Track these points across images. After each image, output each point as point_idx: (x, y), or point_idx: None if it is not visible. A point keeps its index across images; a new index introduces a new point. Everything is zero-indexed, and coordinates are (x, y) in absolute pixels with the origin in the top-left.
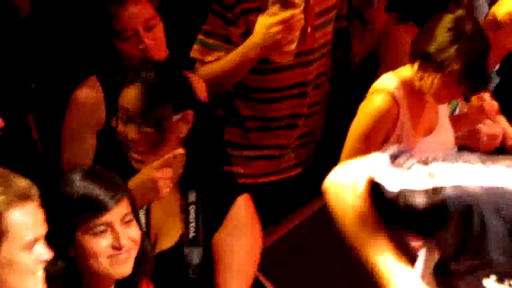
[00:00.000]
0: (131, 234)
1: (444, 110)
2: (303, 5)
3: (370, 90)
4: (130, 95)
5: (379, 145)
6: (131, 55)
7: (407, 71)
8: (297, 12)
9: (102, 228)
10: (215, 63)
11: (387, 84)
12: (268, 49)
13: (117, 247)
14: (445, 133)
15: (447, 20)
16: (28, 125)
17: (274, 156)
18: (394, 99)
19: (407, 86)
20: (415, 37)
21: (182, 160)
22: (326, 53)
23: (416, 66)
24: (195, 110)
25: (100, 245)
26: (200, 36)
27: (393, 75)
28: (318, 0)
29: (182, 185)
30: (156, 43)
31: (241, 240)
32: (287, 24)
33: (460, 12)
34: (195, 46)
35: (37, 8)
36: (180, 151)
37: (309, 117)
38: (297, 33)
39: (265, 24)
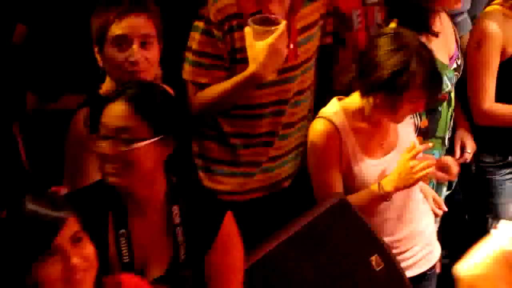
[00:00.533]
0: (83, 252)
1: (405, 124)
2: (285, 22)
3: (316, 116)
4: (110, 112)
5: (337, 167)
6: (119, 63)
7: (353, 98)
8: (281, 28)
9: (50, 252)
10: (212, 90)
11: (327, 110)
12: (265, 76)
13: (69, 269)
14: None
15: (385, 42)
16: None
17: (248, 174)
18: (333, 124)
19: (352, 112)
20: (354, 74)
21: None
22: (308, 69)
23: (371, 98)
24: (177, 134)
25: (51, 270)
26: (190, 56)
27: (336, 101)
28: (300, 16)
29: (166, 208)
30: (147, 62)
31: (233, 258)
32: (276, 47)
33: (391, 30)
34: (187, 67)
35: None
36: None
37: (283, 137)
38: (285, 51)
39: (260, 49)
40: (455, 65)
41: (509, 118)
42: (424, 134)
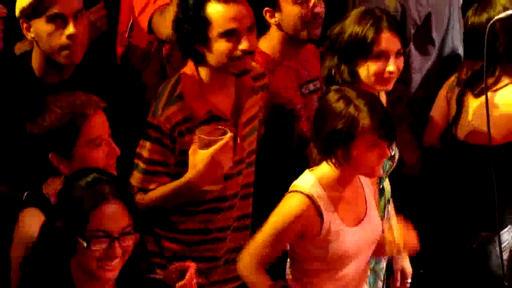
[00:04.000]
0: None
1: (371, 199)
2: (231, 134)
3: (290, 189)
4: (108, 213)
5: (288, 242)
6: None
7: (323, 167)
8: (224, 140)
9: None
10: (154, 193)
11: (302, 184)
12: (201, 185)
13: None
14: (374, 221)
15: (331, 99)
16: None
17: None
18: (310, 200)
19: (327, 180)
20: (310, 146)
21: None
22: (253, 163)
23: (333, 159)
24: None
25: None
26: (140, 164)
27: (309, 173)
28: (245, 109)
29: None
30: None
31: None
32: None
33: (334, 88)
34: (137, 175)
35: None
36: None
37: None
38: (228, 163)
39: (200, 159)
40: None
41: None
42: None
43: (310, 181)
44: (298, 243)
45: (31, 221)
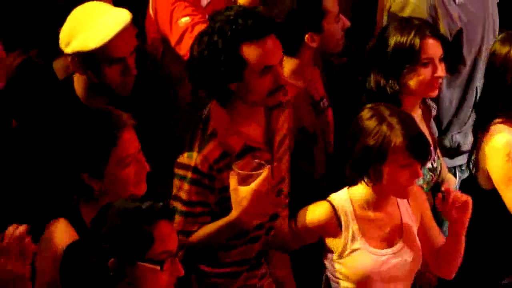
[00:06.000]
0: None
1: (411, 225)
2: (269, 166)
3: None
4: (165, 233)
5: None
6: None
7: (360, 185)
8: (265, 173)
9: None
10: (199, 234)
11: (336, 196)
12: (249, 222)
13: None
14: (413, 248)
15: (364, 116)
16: None
17: None
18: (333, 211)
19: (359, 200)
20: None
21: None
22: (286, 179)
23: (366, 179)
24: None
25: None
26: (179, 207)
27: (346, 190)
28: (277, 131)
29: None
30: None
31: None
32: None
33: (368, 106)
34: (178, 218)
35: None
36: None
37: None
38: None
39: (244, 195)
40: (430, 165)
41: None
42: None
43: (343, 195)
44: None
45: (63, 236)
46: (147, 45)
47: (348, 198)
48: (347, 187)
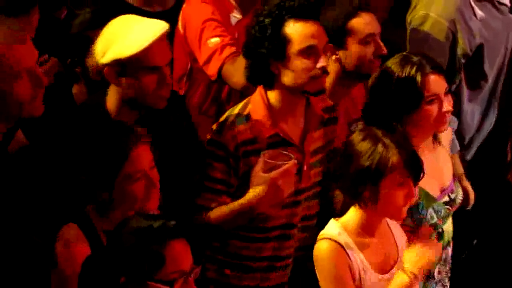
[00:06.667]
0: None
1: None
2: (295, 161)
3: (318, 238)
4: (178, 252)
5: (351, 282)
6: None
7: (348, 214)
8: (287, 166)
9: None
10: (216, 212)
11: (329, 232)
12: (260, 209)
13: None
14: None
15: (355, 139)
16: None
17: None
18: (338, 244)
19: (353, 229)
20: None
21: None
22: (316, 194)
23: (361, 203)
24: None
25: None
26: (204, 182)
27: (335, 222)
28: (313, 139)
29: None
30: None
31: None
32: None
33: (358, 129)
34: (201, 192)
35: None
36: None
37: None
38: (288, 190)
39: (261, 182)
40: (446, 198)
41: None
42: None
43: (336, 229)
44: None
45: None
46: None
47: (342, 229)
48: (333, 219)
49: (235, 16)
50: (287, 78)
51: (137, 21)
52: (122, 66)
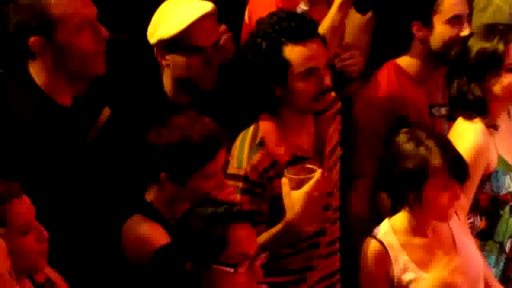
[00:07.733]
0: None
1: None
2: (321, 170)
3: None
4: (243, 237)
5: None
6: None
7: (399, 215)
8: (316, 176)
9: None
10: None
11: (379, 231)
12: (303, 226)
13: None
14: (471, 266)
15: (400, 140)
16: None
17: None
18: (382, 245)
19: (402, 229)
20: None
21: None
22: (336, 192)
23: (406, 207)
24: None
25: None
26: None
27: (387, 221)
28: (327, 141)
29: None
30: None
31: None
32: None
33: (403, 130)
34: None
35: None
36: None
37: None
38: (323, 200)
39: (296, 199)
40: None
41: None
42: (481, 236)
43: (385, 228)
44: None
45: (155, 234)
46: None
47: (391, 229)
48: (387, 217)
49: (302, 7)
50: (291, 101)
51: (185, 2)
52: (167, 47)
